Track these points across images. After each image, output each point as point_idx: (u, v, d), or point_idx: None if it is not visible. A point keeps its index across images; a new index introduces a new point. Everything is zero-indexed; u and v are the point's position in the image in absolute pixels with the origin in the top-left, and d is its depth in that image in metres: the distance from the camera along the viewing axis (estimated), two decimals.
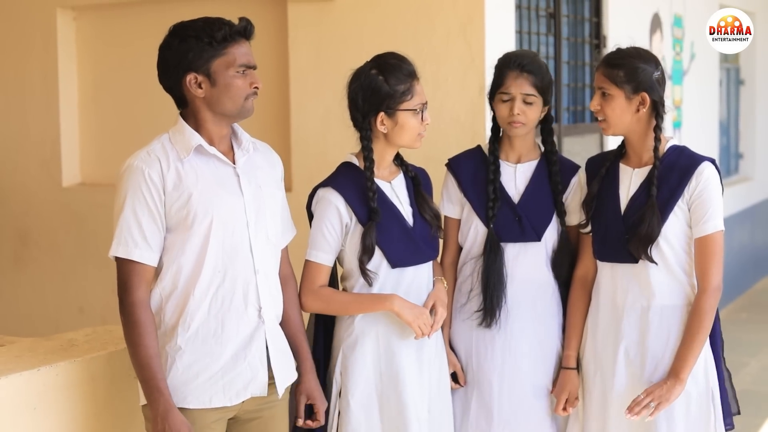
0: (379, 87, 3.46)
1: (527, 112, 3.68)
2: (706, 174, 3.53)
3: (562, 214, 3.75)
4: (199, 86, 3.10)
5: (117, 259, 3.07)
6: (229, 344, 3.14)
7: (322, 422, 3.45)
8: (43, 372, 3.23)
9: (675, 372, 3.48)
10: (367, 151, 3.50)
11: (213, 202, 3.10)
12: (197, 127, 3.15)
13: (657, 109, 3.58)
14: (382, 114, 3.47)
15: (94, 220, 6.92)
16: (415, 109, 3.48)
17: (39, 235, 7.42)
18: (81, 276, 7.14)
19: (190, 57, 3.07)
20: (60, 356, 3.36)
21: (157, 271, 3.12)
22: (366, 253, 3.46)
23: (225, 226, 3.12)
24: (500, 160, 3.78)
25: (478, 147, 3.89)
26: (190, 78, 3.09)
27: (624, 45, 3.65)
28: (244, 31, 3.13)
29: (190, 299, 3.09)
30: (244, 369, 3.16)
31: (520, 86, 3.67)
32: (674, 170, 3.56)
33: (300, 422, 3.41)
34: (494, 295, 3.69)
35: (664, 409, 3.47)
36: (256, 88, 3.16)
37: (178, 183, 3.07)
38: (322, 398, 3.44)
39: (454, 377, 3.78)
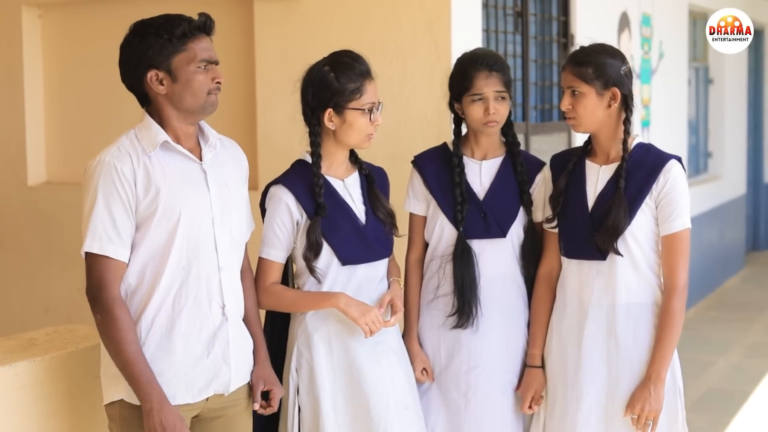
0: (329, 83, 3.47)
1: (500, 110, 3.69)
2: (673, 172, 3.54)
3: (528, 204, 3.75)
4: (161, 83, 3.09)
5: (89, 255, 3.03)
6: (191, 341, 3.12)
7: (276, 408, 3.42)
8: (2, 372, 3.22)
9: (656, 374, 3.50)
10: (314, 147, 3.52)
11: (180, 198, 3.08)
12: (162, 124, 3.13)
13: (627, 103, 3.59)
14: (330, 110, 3.48)
15: (60, 219, 6.86)
16: (363, 109, 3.48)
17: (4, 234, 7.35)
18: (46, 275, 7.08)
19: (150, 54, 3.07)
20: (20, 356, 3.34)
21: None
22: (311, 249, 3.46)
23: (191, 223, 3.10)
24: (465, 158, 3.79)
25: (444, 144, 3.89)
26: (152, 75, 3.09)
27: (587, 43, 3.65)
28: (203, 26, 3.12)
29: (154, 295, 3.07)
30: (207, 366, 3.14)
31: (493, 85, 3.68)
32: (641, 167, 3.56)
33: (256, 407, 3.38)
34: (470, 298, 3.70)
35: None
36: (218, 83, 3.15)
37: (147, 179, 3.05)
38: (279, 384, 3.43)
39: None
